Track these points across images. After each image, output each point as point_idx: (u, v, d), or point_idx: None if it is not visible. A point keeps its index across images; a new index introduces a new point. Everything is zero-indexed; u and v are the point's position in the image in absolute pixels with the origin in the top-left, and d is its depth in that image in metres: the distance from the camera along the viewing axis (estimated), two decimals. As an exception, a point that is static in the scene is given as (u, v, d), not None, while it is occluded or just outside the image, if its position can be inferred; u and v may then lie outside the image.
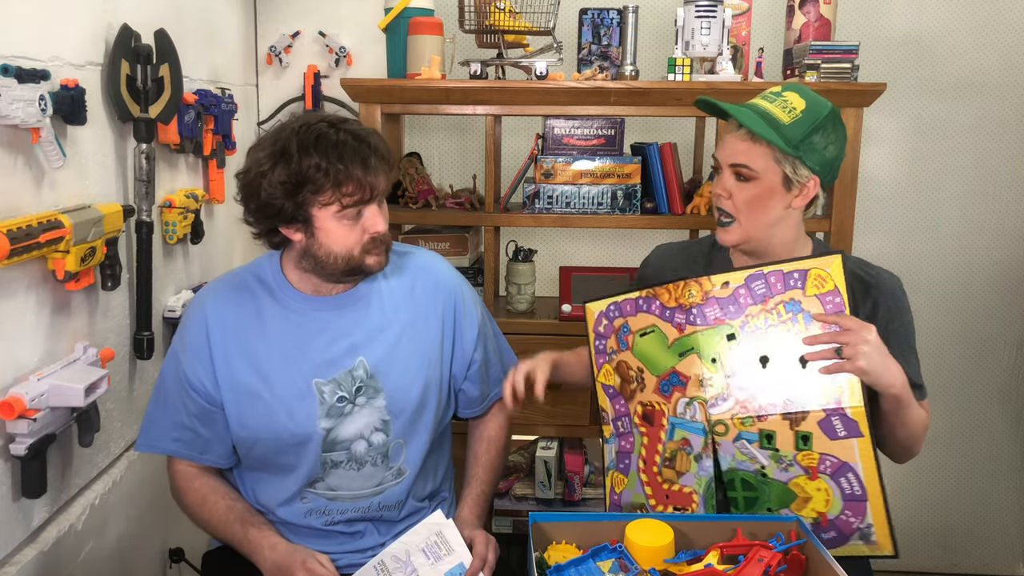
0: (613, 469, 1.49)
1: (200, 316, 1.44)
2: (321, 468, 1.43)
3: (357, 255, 1.37)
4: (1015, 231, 2.62)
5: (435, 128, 2.62)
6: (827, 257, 1.34)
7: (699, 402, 1.38)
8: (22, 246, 1.21)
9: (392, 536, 1.47)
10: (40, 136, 1.30)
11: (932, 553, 2.80)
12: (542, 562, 1.24)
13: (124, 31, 1.58)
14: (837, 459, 1.33)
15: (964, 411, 2.71)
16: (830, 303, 1.32)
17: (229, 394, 1.41)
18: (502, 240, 2.36)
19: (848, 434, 1.32)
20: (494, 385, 1.61)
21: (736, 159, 1.43)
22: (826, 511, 1.35)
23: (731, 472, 1.37)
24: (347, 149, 1.30)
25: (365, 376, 1.43)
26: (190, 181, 1.97)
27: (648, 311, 1.43)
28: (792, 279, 1.34)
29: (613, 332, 1.47)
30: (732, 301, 1.37)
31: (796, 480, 1.35)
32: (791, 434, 1.34)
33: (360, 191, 1.31)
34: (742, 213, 1.45)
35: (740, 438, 1.36)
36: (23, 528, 1.37)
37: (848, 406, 1.32)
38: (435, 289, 1.52)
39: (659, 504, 1.43)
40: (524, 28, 2.11)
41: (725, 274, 1.39)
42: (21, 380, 1.32)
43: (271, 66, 2.47)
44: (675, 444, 1.40)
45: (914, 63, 2.52)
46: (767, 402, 1.35)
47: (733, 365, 1.36)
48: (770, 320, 1.35)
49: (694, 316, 1.39)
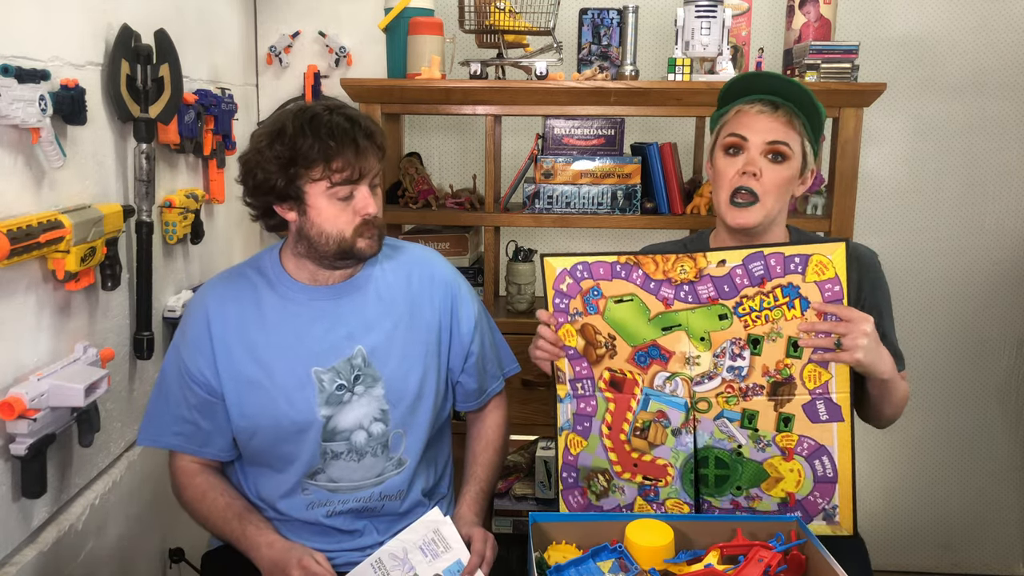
0: (569, 430, 1.47)
1: (201, 309, 1.46)
2: (321, 459, 1.44)
3: (349, 237, 1.40)
4: (1015, 231, 2.62)
5: (435, 128, 2.62)
6: (831, 244, 1.33)
7: (683, 379, 1.39)
8: (22, 246, 1.21)
9: (391, 535, 1.47)
10: (40, 136, 1.30)
11: (932, 553, 2.80)
12: (542, 562, 1.24)
13: (124, 31, 1.58)
14: (815, 442, 1.37)
15: (964, 411, 2.71)
16: (829, 291, 1.32)
17: (230, 384, 1.43)
18: (502, 240, 2.36)
19: (830, 418, 1.36)
20: (491, 380, 1.63)
21: (775, 136, 1.42)
22: (796, 491, 1.38)
23: (706, 450, 1.39)
24: (338, 129, 1.35)
25: (363, 364, 1.45)
26: (190, 181, 1.97)
27: (627, 279, 1.40)
28: (793, 263, 1.33)
29: (579, 293, 1.43)
30: (727, 281, 1.36)
31: (771, 460, 1.38)
32: (774, 415, 1.37)
33: (349, 169, 1.35)
34: (769, 194, 1.43)
35: (721, 416, 1.38)
36: (23, 528, 1.37)
37: (835, 391, 1.35)
38: (431, 281, 1.55)
39: (625, 471, 1.44)
40: (524, 28, 2.11)
41: (722, 252, 1.36)
42: (21, 380, 1.32)
43: (271, 66, 2.47)
44: (649, 415, 1.41)
45: (914, 63, 2.52)
46: (755, 383, 1.36)
47: (723, 345, 1.37)
48: (766, 303, 1.35)
49: (684, 293, 1.38)
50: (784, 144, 1.42)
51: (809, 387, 1.35)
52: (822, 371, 1.35)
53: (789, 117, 1.43)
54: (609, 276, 1.41)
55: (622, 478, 1.44)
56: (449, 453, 1.65)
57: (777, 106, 1.43)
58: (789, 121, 1.43)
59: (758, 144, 1.43)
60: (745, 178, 1.43)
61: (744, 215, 1.44)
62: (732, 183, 1.45)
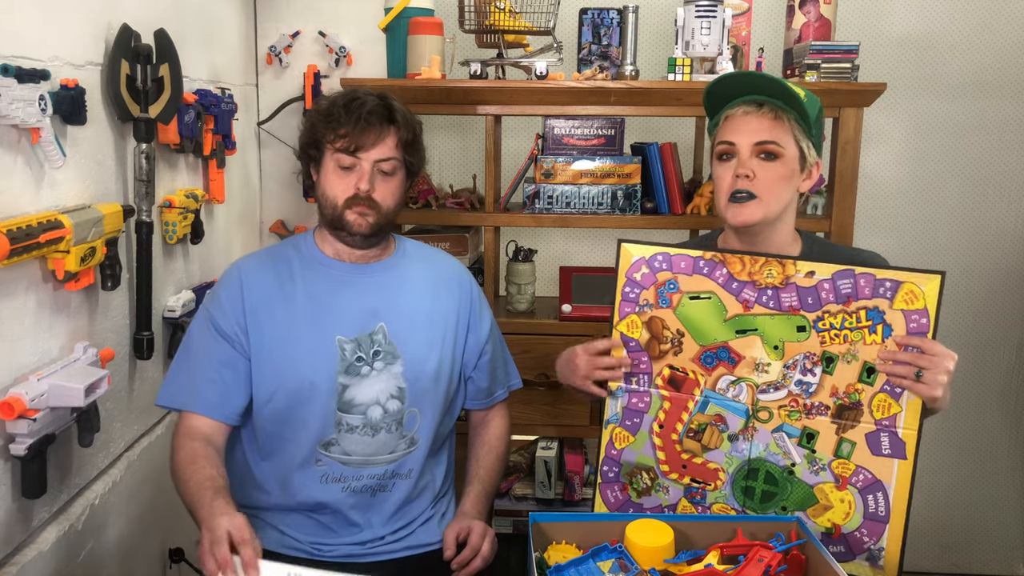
0: (616, 424, 1.44)
1: (236, 274, 1.54)
2: (336, 429, 1.48)
3: (341, 206, 1.48)
4: (1015, 231, 2.62)
5: (435, 128, 2.62)
6: (926, 275, 1.30)
7: (749, 384, 1.36)
8: (22, 246, 1.21)
9: (392, 531, 1.51)
10: (40, 136, 1.30)
11: (932, 553, 2.80)
12: (542, 562, 1.24)
13: (124, 31, 1.58)
14: (872, 475, 1.32)
15: (964, 412, 2.71)
16: (915, 322, 1.30)
17: (257, 345, 1.48)
18: (502, 240, 2.35)
19: (892, 453, 1.31)
20: (499, 386, 1.69)
21: (762, 136, 1.41)
22: (843, 524, 1.33)
23: (758, 461, 1.36)
24: (355, 104, 1.46)
25: (384, 341, 1.51)
26: (190, 181, 1.97)
27: (709, 276, 1.38)
28: (883, 287, 1.31)
29: (654, 284, 1.40)
30: (812, 293, 1.33)
31: (822, 486, 1.34)
32: (835, 439, 1.33)
33: (348, 140, 1.45)
34: (766, 192, 1.42)
35: (780, 429, 1.35)
36: (23, 528, 1.37)
37: (902, 427, 1.31)
38: (458, 283, 1.63)
39: (673, 471, 1.41)
40: (524, 28, 2.11)
41: (813, 263, 1.34)
42: (21, 380, 1.32)
43: (271, 66, 2.46)
44: (706, 418, 1.38)
45: (914, 63, 2.52)
46: (820, 402, 1.33)
47: (796, 358, 1.34)
48: (848, 322, 1.32)
49: (767, 298, 1.35)
50: (773, 143, 1.41)
51: (876, 416, 1.31)
52: (892, 403, 1.31)
53: (776, 114, 1.41)
54: (690, 271, 1.39)
55: (669, 477, 1.41)
56: (452, 450, 1.68)
57: (762, 104, 1.42)
58: (776, 118, 1.41)
59: (747, 146, 1.42)
60: (740, 181, 1.42)
61: (744, 211, 1.43)
62: (728, 187, 1.44)
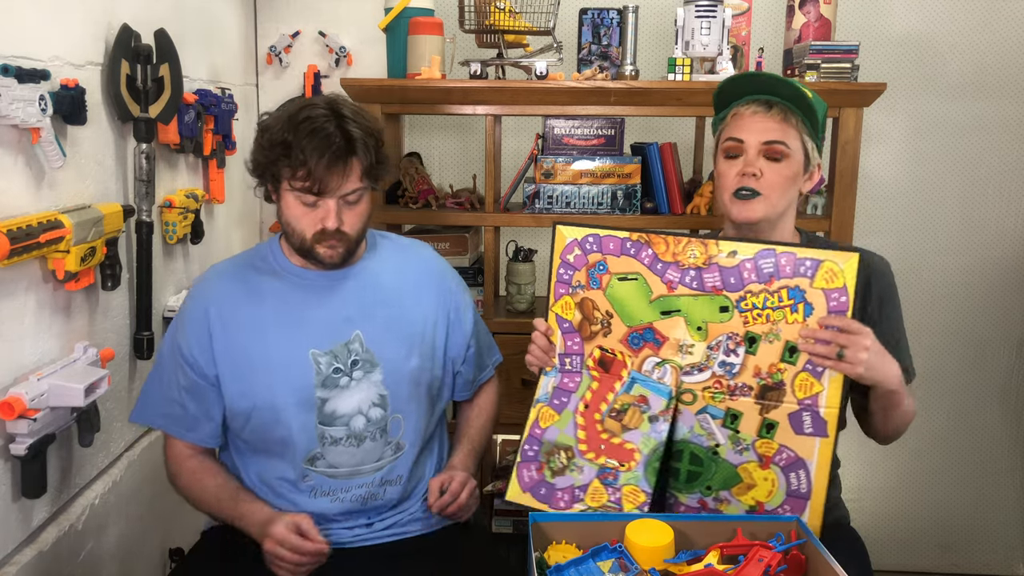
0: (544, 403, 1.45)
1: (201, 294, 1.50)
2: (320, 443, 1.45)
3: (308, 239, 1.42)
4: (1015, 231, 2.62)
5: (435, 128, 2.62)
6: (845, 253, 1.30)
7: (673, 366, 1.37)
8: (22, 246, 1.21)
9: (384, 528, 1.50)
10: (40, 136, 1.30)
11: (932, 553, 2.80)
12: (542, 562, 1.24)
13: (124, 31, 1.58)
14: (794, 454, 1.33)
15: (964, 411, 2.71)
16: (835, 300, 1.30)
17: (226, 364, 1.44)
18: (502, 240, 2.35)
19: (814, 432, 1.32)
20: (484, 372, 1.67)
21: (771, 136, 1.42)
22: (765, 501, 1.34)
23: (683, 443, 1.37)
24: (319, 140, 1.34)
25: (361, 350, 1.47)
26: (190, 181, 1.97)
27: (636, 257, 1.39)
28: (803, 266, 1.31)
29: (585, 266, 1.42)
30: (735, 273, 1.34)
31: (746, 465, 1.35)
32: (758, 419, 1.34)
33: (309, 181, 1.35)
34: (771, 191, 1.42)
35: (704, 411, 1.36)
36: (23, 528, 1.37)
37: (824, 406, 1.31)
38: (428, 274, 1.59)
39: (590, 451, 1.41)
40: (524, 28, 2.11)
41: (735, 243, 1.35)
42: (21, 380, 1.32)
43: (271, 66, 2.46)
44: (630, 398, 1.39)
45: (914, 63, 2.52)
46: (744, 383, 1.34)
47: (719, 339, 1.35)
48: (770, 302, 1.33)
49: (690, 278, 1.36)
50: (781, 143, 1.42)
51: (798, 396, 1.32)
52: (814, 382, 1.31)
53: (784, 115, 1.42)
54: (618, 252, 1.40)
55: (585, 457, 1.41)
56: (446, 447, 1.66)
57: (771, 105, 1.43)
58: (785, 119, 1.42)
59: (755, 145, 1.43)
60: (745, 179, 1.43)
61: (748, 208, 1.43)
62: (733, 185, 1.45)
